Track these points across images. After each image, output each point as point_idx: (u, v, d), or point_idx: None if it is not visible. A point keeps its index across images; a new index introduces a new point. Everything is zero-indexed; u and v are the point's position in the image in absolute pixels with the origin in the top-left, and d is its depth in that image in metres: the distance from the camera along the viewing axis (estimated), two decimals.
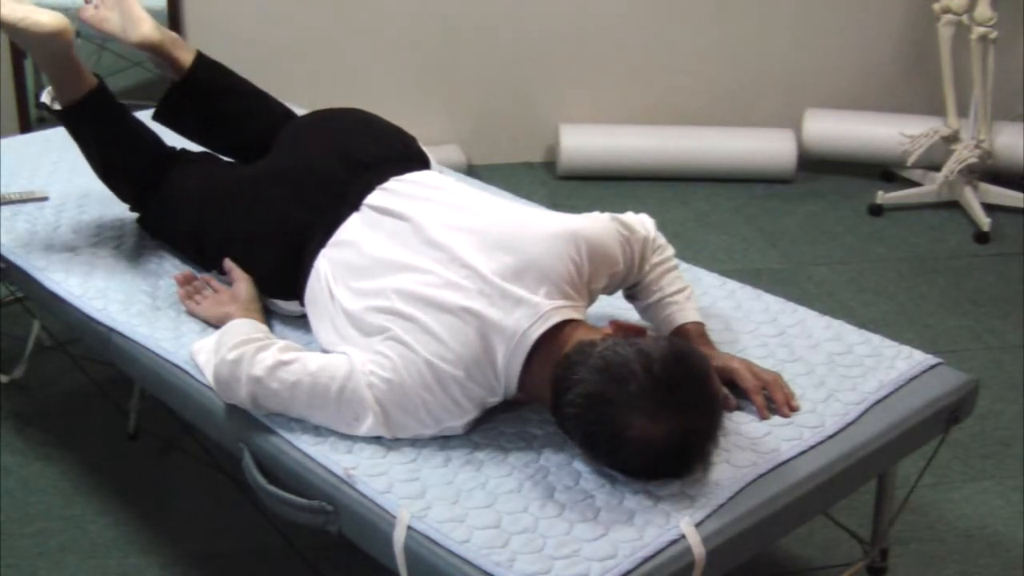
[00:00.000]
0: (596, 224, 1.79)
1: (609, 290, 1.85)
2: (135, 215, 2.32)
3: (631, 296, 1.91)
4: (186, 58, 2.19)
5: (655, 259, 1.88)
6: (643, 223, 1.89)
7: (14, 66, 3.67)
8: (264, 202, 2.02)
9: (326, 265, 1.87)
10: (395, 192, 1.94)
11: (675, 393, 1.51)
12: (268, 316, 1.98)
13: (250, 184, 2.08)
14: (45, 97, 2.17)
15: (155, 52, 2.18)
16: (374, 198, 1.94)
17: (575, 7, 4.02)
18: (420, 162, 2.09)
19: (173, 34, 2.23)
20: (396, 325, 1.68)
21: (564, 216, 1.82)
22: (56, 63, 2.09)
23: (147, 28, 2.16)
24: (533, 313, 1.64)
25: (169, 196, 2.19)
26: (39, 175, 2.57)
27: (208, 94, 2.22)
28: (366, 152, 2.03)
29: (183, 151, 2.28)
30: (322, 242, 1.90)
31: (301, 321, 1.98)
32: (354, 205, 1.94)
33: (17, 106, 3.69)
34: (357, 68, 3.97)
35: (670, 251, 1.92)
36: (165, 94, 2.22)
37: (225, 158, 2.29)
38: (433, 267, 1.74)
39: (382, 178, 1.97)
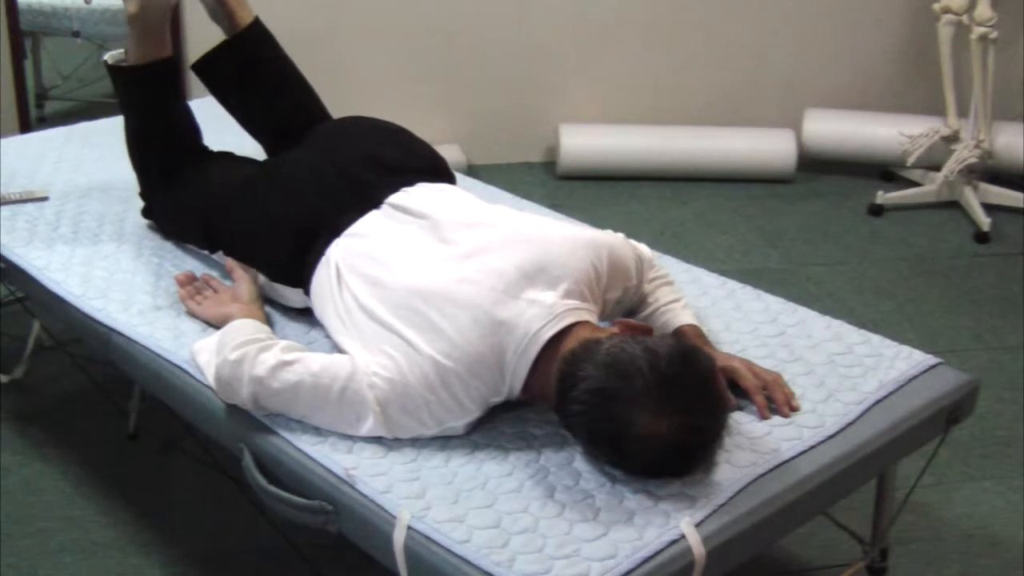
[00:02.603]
0: (616, 238, 1.85)
1: (620, 307, 1.85)
2: (136, 214, 2.32)
3: (628, 313, 1.91)
4: (244, 19, 2.24)
5: (651, 275, 1.91)
6: (643, 246, 1.95)
7: (14, 66, 3.67)
8: (287, 188, 2.03)
9: (339, 253, 1.87)
10: (418, 195, 1.95)
11: (681, 391, 1.51)
12: (268, 314, 1.98)
13: (276, 170, 2.11)
14: (108, 57, 2.23)
15: (218, 1, 2.23)
16: (396, 198, 1.95)
17: (575, 7, 4.02)
18: (448, 179, 2.10)
19: None
20: (404, 320, 1.68)
21: (584, 227, 1.88)
22: (153, 19, 2.16)
23: None
24: (547, 313, 1.65)
25: (194, 177, 2.21)
26: (39, 175, 2.57)
27: (252, 58, 2.25)
28: (396, 160, 2.05)
29: (214, 151, 2.31)
30: (337, 231, 1.91)
31: (303, 321, 1.98)
32: (376, 203, 1.95)
33: (17, 106, 3.69)
34: (357, 68, 3.97)
35: (665, 269, 1.97)
36: (211, 49, 2.25)
37: (244, 131, 2.33)
38: (448, 262, 1.74)
39: (408, 183, 1.98)
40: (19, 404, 2.70)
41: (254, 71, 2.25)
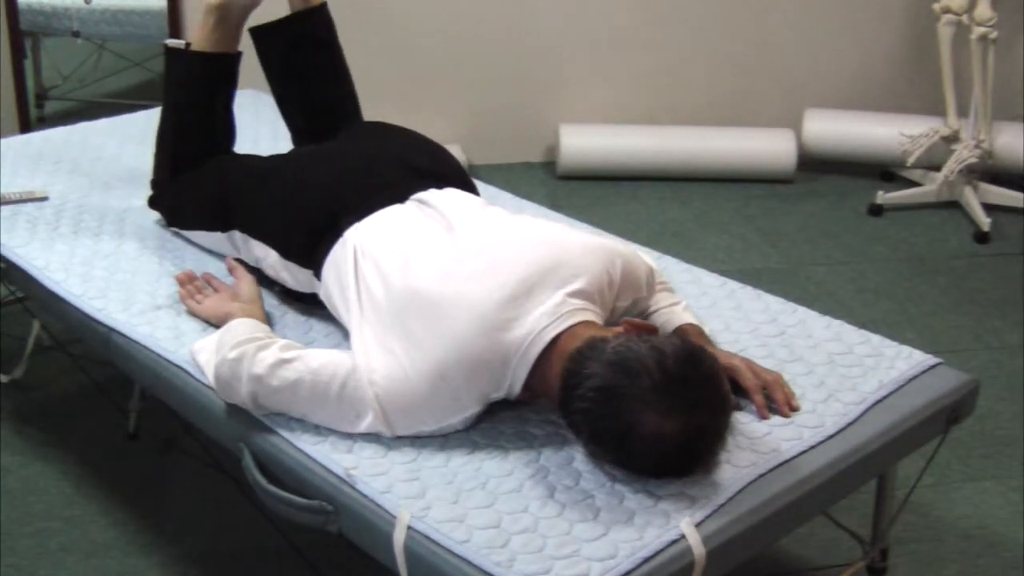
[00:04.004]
0: (629, 249, 1.89)
1: (627, 316, 1.86)
2: (135, 215, 2.33)
3: None
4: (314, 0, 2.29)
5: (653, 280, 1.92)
6: (649, 258, 1.97)
7: (14, 66, 3.67)
8: (316, 171, 2.05)
9: (356, 238, 1.87)
10: (442, 195, 1.96)
11: (688, 390, 1.51)
12: (269, 312, 1.98)
13: (307, 154, 2.15)
14: (169, 41, 2.28)
15: None
16: (421, 194, 1.96)
17: (575, 8, 4.02)
18: (471, 192, 2.11)
19: None
20: (411, 312, 1.68)
21: (601, 234, 1.92)
22: (233, 13, 2.21)
23: None
24: (553, 312, 1.65)
25: (211, 164, 2.23)
26: (39, 175, 2.57)
27: (310, 37, 2.28)
28: (424, 164, 2.07)
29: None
30: (359, 216, 1.91)
31: (302, 318, 1.98)
32: (400, 199, 1.96)
33: (17, 106, 3.69)
34: (357, 68, 3.95)
35: (665, 277, 1.99)
36: (274, 20, 2.27)
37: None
38: (461, 258, 1.74)
39: (435, 186, 1.99)
40: (19, 404, 2.70)
41: (308, 50, 2.28)
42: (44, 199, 2.44)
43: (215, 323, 1.94)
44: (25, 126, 3.67)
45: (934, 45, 3.85)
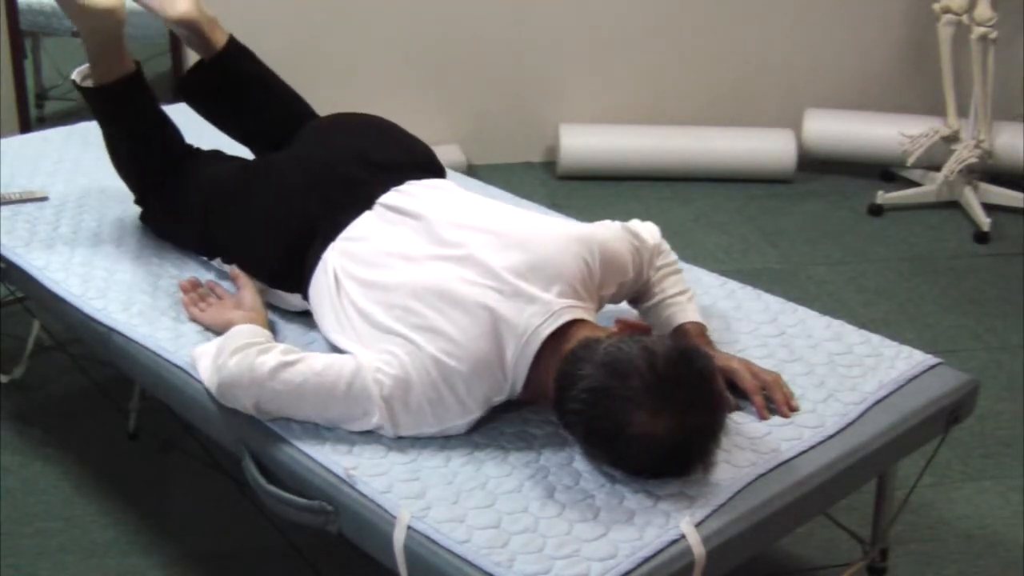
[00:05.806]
0: (609, 232, 1.84)
1: (617, 299, 1.86)
2: (136, 215, 2.32)
3: (633, 300, 1.91)
4: (220, 40, 2.22)
5: (658, 262, 1.89)
6: (651, 231, 1.92)
7: (14, 66, 3.67)
8: (278, 190, 2.03)
9: (335, 258, 1.87)
10: (410, 194, 1.95)
11: (678, 390, 1.51)
12: (270, 320, 1.98)
13: (266, 172, 2.10)
14: (76, 75, 2.21)
15: (191, 30, 2.19)
16: (388, 198, 1.94)
17: (575, 7, 4.02)
18: (437, 173, 2.10)
19: (211, 14, 2.23)
20: (405, 321, 1.68)
21: (578, 223, 1.87)
22: (103, 42, 2.13)
23: (186, 6, 2.18)
24: (545, 311, 1.65)
25: (182, 184, 2.19)
26: (39, 175, 2.57)
27: (236, 77, 2.23)
28: (385, 156, 2.04)
29: (200, 149, 2.29)
30: (332, 235, 1.90)
31: (302, 323, 1.98)
32: (368, 204, 1.94)
33: (17, 106, 3.69)
34: (357, 68, 3.97)
35: (673, 256, 1.94)
36: (191, 69, 2.23)
37: (240, 146, 2.31)
38: (446, 263, 1.74)
39: (398, 181, 1.97)
40: (19, 404, 2.70)
41: (237, 89, 2.23)
42: (44, 199, 2.44)
43: (217, 331, 1.93)
44: (25, 126, 3.67)
45: (934, 45, 3.85)
